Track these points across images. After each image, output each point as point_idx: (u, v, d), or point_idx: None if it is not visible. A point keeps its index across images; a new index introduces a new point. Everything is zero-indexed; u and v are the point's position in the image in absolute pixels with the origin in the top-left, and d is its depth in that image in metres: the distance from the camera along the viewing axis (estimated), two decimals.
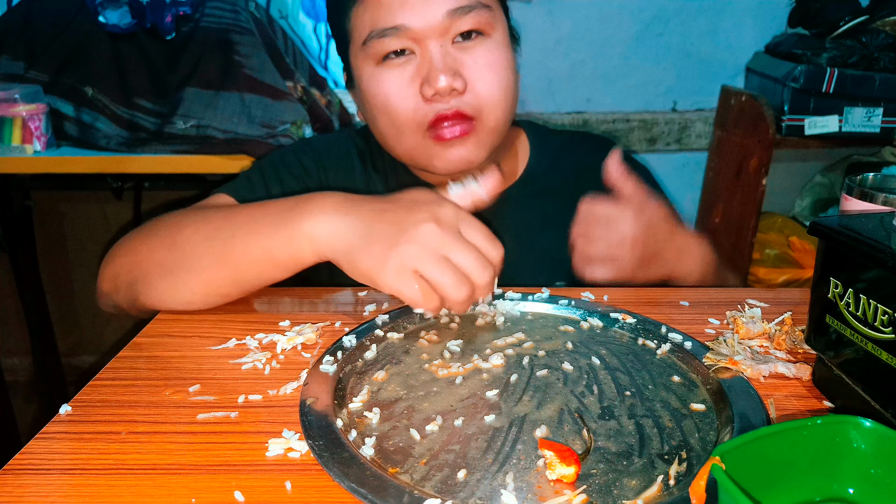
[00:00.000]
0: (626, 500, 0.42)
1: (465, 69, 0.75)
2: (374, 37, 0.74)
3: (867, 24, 1.69)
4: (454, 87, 0.74)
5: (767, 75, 1.81)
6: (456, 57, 0.75)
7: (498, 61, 0.77)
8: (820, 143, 1.74)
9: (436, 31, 0.74)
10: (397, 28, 0.73)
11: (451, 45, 0.75)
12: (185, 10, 1.50)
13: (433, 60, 0.74)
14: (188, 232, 0.68)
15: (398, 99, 0.76)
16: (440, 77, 0.73)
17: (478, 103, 0.76)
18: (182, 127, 1.44)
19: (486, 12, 0.76)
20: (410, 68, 0.76)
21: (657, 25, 1.95)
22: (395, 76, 0.76)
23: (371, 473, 0.43)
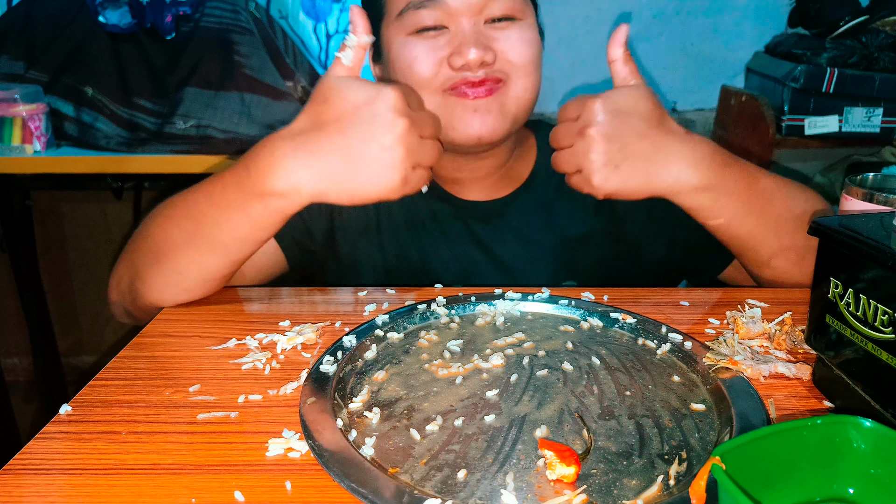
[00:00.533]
0: (626, 500, 0.42)
1: (496, 44, 0.75)
2: (411, 8, 0.75)
3: (867, 24, 1.69)
4: (484, 59, 0.73)
5: (767, 75, 1.81)
6: (488, 34, 0.76)
7: (530, 39, 0.77)
8: (820, 143, 1.74)
9: (472, 8, 0.74)
10: (435, 1, 0.74)
11: (483, 24, 0.76)
12: (185, 10, 1.50)
13: (465, 34, 0.74)
14: (166, 222, 0.71)
15: (423, 63, 0.76)
16: (471, 49, 0.73)
17: (507, 69, 0.76)
18: (182, 127, 1.44)
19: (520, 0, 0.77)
20: (442, 40, 0.76)
21: (657, 25, 1.95)
22: (425, 44, 0.76)
23: (371, 473, 0.43)
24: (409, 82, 0.76)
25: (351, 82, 0.63)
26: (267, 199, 0.64)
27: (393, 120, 0.61)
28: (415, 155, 0.63)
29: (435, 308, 0.69)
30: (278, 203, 0.64)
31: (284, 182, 0.62)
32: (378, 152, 0.61)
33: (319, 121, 0.63)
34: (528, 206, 0.89)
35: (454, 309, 0.69)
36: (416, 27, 0.75)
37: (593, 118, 0.66)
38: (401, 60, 0.77)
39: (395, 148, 0.61)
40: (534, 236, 0.89)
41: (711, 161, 0.69)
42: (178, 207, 0.71)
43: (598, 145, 0.66)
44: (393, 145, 0.61)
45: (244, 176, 0.65)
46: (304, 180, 0.62)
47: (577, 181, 0.70)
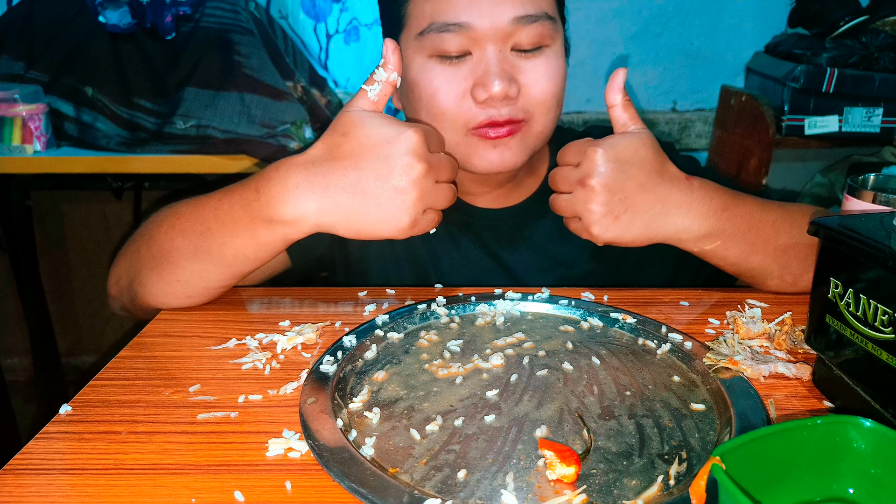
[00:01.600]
0: (626, 500, 0.42)
1: (521, 75, 0.73)
2: (434, 30, 0.72)
3: (867, 24, 1.69)
4: (508, 93, 0.71)
5: (767, 75, 1.81)
6: (514, 63, 0.73)
7: (556, 70, 0.75)
8: (820, 143, 1.74)
9: (498, 34, 0.71)
10: (460, 25, 0.70)
11: (509, 52, 0.73)
12: (185, 10, 1.50)
13: (490, 63, 0.71)
14: (172, 227, 0.70)
15: (446, 96, 0.73)
16: (495, 81, 0.70)
17: (530, 108, 0.74)
18: (182, 127, 1.44)
19: (549, 24, 0.73)
20: (465, 68, 0.73)
21: (657, 25, 1.95)
22: (448, 73, 0.73)
23: (371, 473, 0.43)
24: (430, 112, 0.75)
25: (374, 118, 0.62)
26: (273, 226, 0.63)
27: (410, 164, 0.60)
28: (428, 199, 0.62)
29: (435, 308, 0.69)
30: (284, 230, 0.63)
31: (292, 211, 0.62)
32: (391, 193, 0.61)
33: (336, 153, 0.62)
34: (539, 215, 0.88)
35: (454, 309, 0.69)
36: (437, 51, 0.72)
37: (595, 168, 0.65)
38: (421, 87, 0.74)
39: (409, 191, 0.61)
40: (545, 245, 0.88)
41: (712, 206, 0.68)
42: (184, 217, 0.70)
43: (599, 196, 0.65)
44: (407, 189, 0.61)
45: (253, 198, 0.64)
46: (312, 212, 0.62)
47: (575, 227, 0.70)
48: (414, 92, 0.76)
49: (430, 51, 0.73)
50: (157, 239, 0.71)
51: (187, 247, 0.68)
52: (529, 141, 0.76)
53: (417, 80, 0.74)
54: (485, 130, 0.73)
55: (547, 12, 0.73)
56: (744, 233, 0.70)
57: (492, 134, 0.73)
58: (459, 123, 0.74)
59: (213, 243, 0.66)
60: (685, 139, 2.05)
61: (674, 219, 0.67)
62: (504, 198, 0.87)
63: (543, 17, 0.72)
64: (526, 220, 0.88)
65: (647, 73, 1.98)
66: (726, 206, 0.69)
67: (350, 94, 1.81)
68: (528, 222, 0.88)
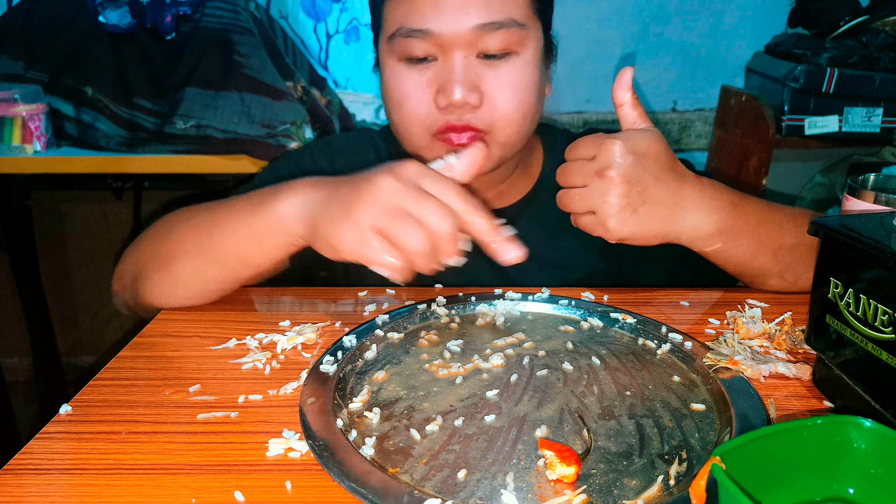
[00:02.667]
0: (626, 500, 0.42)
1: (484, 84, 0.73)
2: (401, 35, 0.73)
3: (867, 24, 1.69)
4: (468, 102, 0.71)
5: (767, 75, 1.81)
6: (478, 71, 0.73)
7: (521, 81, 0.74)
8: (820, 143, 1.74)
9: (462, 41, 0.71)
10: (424, 31, 0.71)
11: (475, 59, 0.73)
12: (185, 10, 1.50)
13: (453, 71, 0.72)
14: (177, 227, 0.71)
15: (412, 101, 0.74)
16: (456, 88, 0.70)
17: (491, 119, 0.74)
18: (182, 127, 1.44)
19: (517, 31, 0.73)
20: (430, 73, 0.73)
21: (657, 25, 1.95)
22: (414, 77, 0.74)
23: (371, 473, 0.43)
24: (399, 115, 0.76)
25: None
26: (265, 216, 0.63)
27: (383, 175, 0.56)
28: (377, 217, 0.55)
29: (435, 308, 0.69)
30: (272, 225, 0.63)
31: (280, 206, 0.62)
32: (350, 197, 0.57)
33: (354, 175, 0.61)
34: (532, 216, 0.88)
35: (454, 309, 0.69)
36: (405, 55, 0.74)
37: (613, 159, 0.63)
38: (391, 90, 0.76)
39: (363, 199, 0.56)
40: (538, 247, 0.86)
41: (722, 203, 0.68)
42: (192, 217, 0.70)
43: (619, 188, 0.63)
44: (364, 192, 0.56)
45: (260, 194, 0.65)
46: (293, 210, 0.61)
47: (587, 222, 0.67)
48: (386, 93, 0.78)
49: (398, 55, 0.74)
50: (163, 238, 0.72)
51: (190, 246, 0.68)
52: (492, 150, 0.76)
53: (389, 82, 0.76)
54: (448, 137, 0.74)
55: (515, 18, 0.72)
56: (752, 231, 0.70)
57: (454, 140, 0.74)
58: (424, 127, 0.75)
59: (214, 241, 0.67)
60: (685, 139, 2.05)
61: (687, 215, 0.67)
62: (496, 199, 0.88)
63: (510, 24, 0.72)
64: (519, 221, 0.87)
65: (647, 73, 1.98)
66: (735, 204, 0.69)
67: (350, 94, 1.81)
68: (522, 223, 0.86)
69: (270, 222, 0.63)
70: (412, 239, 0.54)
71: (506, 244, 0.59)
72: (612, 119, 1.98)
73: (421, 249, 0.55)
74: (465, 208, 0.57)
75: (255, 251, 0.66)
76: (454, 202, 0.57)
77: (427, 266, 0.57)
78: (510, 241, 0.59)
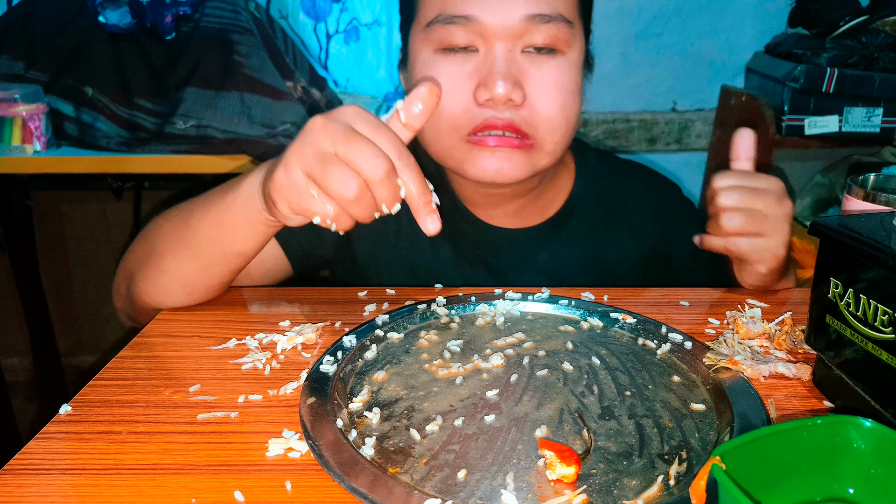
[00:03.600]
0: (626, 500, 0.42)
1: (528, 81, 0.69)
2: (440, 21, 0.68)
3: (867, 24, 1.69)
4: (511, 98, 0.67)
5: (767, 75, 1.81)
6: (521, 66, 0.69)
7: (566, 83, 0.71)
8: (820, 143, 1.74)
9: (508, 32, 0.67)
10: (467, 18, 0.67)
11: (519, 53, 0.69)
12: (185, 10, 1.50)
13: (496, 63, 0.68)
14: (159, 227, 0.71)
15: (449, 94, 0.69)
16: (498, 82, 0.66)
17: (534, 121, 0.70)
18: (182, 127, 1.44)
19: (565, 27, 0.69)
20: (469, 65, 0.69)
21: (657, 25, 1.95)
22: (452, 69, 0.69)
23: (371, 474, 0.43)
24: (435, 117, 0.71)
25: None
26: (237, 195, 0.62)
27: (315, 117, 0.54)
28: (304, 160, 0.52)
29: (435, 308, 0.69)
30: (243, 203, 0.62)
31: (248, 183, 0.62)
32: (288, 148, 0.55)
33: None
34: (557, 241, 0.84)
35: (454, 309, 0.69)
36: (444, 44, 0.69)
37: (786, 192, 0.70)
38: None
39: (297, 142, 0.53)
40: (563, 275, 0.84)
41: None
42: (173, 210, 0.71)
43: (790, 217, 0.69)
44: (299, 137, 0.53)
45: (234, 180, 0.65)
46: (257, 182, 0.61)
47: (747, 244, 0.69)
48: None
49: (435, 44, 0.70)
50: (147, 240, 0.72)
51: (171, 242, 0.68)
52: (536, 159, 0.72)
53: (421, 73, 0.72)
54: (483, 138, 0.70)
55: (563, 14, 0.69)
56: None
57: (492, 142, 0.70)
58: (459, 124, 0.71)
59: (191, 232, 0.66)
60: (685, 139, 2.05)
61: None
62: (520, 217, 0.83)
63: (559, 19, 0.69)
64: (542, 245, 0.84)
65: (647, 73, 1.98)
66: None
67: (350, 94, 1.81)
68: (545, 247, 0.84)
69: (238, 200, 0.62)
70: (340, 183, 0.51)
71: (430, 213, 0.55)
72: (613, 119, 1.98)
73: (352, 195, 0.51)
74: (399, 157, 0.53)
75: (229, 234, 0.64)
76: (389, 148, 0.53)
77: (361, 213, 0.53)
78: (433, 211, 0.55)
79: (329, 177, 0.51)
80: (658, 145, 2.04)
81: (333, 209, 0.53)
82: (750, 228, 0.69)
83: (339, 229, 0.55)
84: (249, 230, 0.64)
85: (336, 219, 0.54)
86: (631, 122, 1.99)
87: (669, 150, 2.06)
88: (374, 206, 0.54)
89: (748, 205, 0.68)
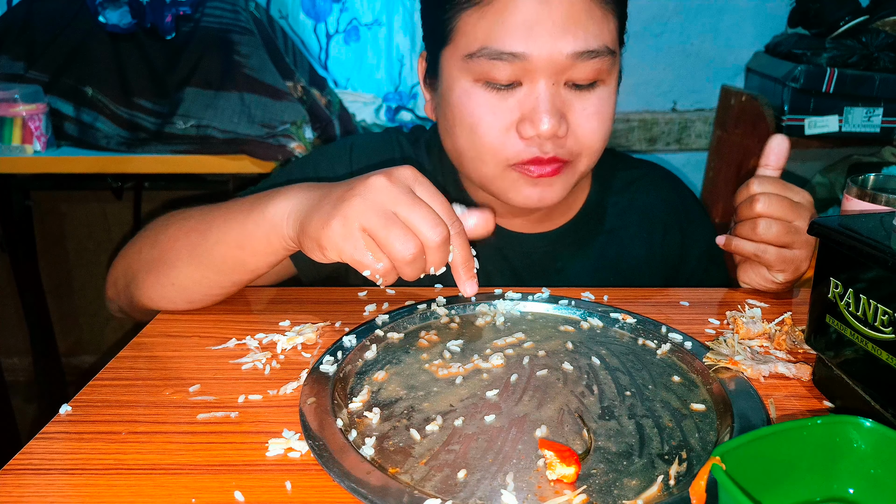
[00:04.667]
0: (626, 500, 0.42)
1: (571, 113, 0.69)
2: (485, 55, 0.67)
3: (867, 24, 1.69)
4: (557, 133, 0.68)
5: (767, 75, 1.81)
6: (564, 99, 0.69)
7: (606, 111, 0.72)
8: (820, 143, 1.74)
9: (554, 68, 0.66)
10: (515, 55, 0.66)
11: (562, 87, 0.69)
12: (185, 10, 1.50)
13: (540, 99, 0.67)
14: (171, 230, 0.69)
15: (490, 128, 0.69)
16: (545, 119, 0.66)
17: (575, 149, 0.71)
18: (182, 127, 1.44)
19: (609, 59, 0.69)
20: (513, 99, 0.68)
21: (657, 25, 1.95)
22: (494, 102, 0.69)
23: (371, 474, 0.43)
24: (470, 140, 0.71)
25: None
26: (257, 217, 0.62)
27: (376, 175, 0.55)
28: (365, 216, 0.53)
29: (435, 308, 0.69)
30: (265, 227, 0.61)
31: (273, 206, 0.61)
32: (340, 194, 0.55)
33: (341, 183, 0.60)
34: (575, 246, 0.85)
35: (454, 309, 0.69)
36: (486, 78, 0.68)
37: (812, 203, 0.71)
38: (463, 113, 0.70)
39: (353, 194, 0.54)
40: (576, 277, 0.84)
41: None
42: (186, 220, 0.69)
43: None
44: (355, 189, 0.54)
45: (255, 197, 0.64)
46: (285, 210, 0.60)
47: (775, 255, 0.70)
48: (455, 115, 0.72)
49: (477, 76, 0.69)
50: (155, 241, 0.70)
51: (183, 249, 0.67)
52: (572, 180, 0.74)
53: (460, 104, 0.70)
54: (527, 169, 0.70)
55: (608, 46, 0.69)
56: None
57: (534, 172, 0.70)
58: (501, 157, 0.70)
59: (207, 245, 0.65)
60: (685, 139, 2.05)
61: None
62: (537, 222, 0.84)
63: (605, 53, 0.68)
64: (560, 249, 0.85)
65: (647, 73, 1.98)
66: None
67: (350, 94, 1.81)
68: (563, 251, 0.85)
69: (263, 224, 0.61)
70: (401, 245, 0.53)
71: (471, 279, 0.58)
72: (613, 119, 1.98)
73: (410, 257, 0.54)
74: (452, 225, 0.56)
75: (248, 255, 0.64)
76: (444, 215, 0.56)
77: (411, 273, 0.56)
78: (474, 276, 0.59)
79: (390, 236, 0.53)
80: (658, 145, 2.04)
81: (385, 266, 0.55)
82: (784, 240, 0.69)
83: (384, 284, 0.57)
84: (270, 253, 0.64)
85: (385, 274, 0.56)
86: (631, 122, 1.99)
87: (669, 150, 2.06)
88: (423, 268, 0.56)
89: (788, 217, 0.69)
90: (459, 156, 0.75)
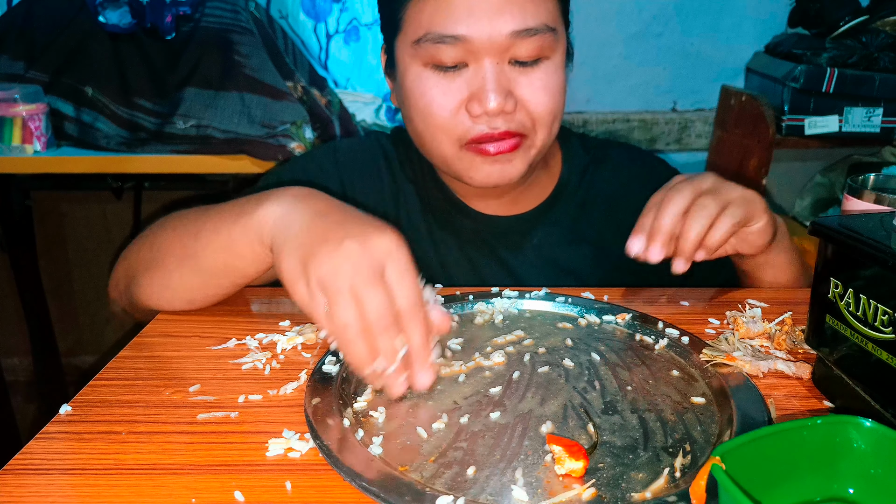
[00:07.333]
0: (634, 493, 0.42)
1: (518, 88, 0.72)
2: (430, 40, 0.70)
3: (867, 24, 1.69)
4: (504, 109, 0.70)
5: (767, 75, 1.81)
6: (510, 76, 0.72)
7: (553, 85, 0.74)
8: (820, 143, 1.74)
9: (496, 48, 0.69)
10: (457, 38, 0.69)
11: (506, 65, 0.71)
12: (185, 10, 1.50)
13: (486, 78, 0.70)
14: (167, 232, 0.69)
15: (441, 108, 0.72)
16: (491, 96, 0.69)
17: (526, 122, 0.73)
18: (182, 127, 1.44)
19: (550, 36, 0.72)
20: (460, 80, 0.72)
21: (657, 25, 1.95)
22: (443, 84, 0.72)
23: (383, 472, 0.43)
24: (424, 122, 0.74)
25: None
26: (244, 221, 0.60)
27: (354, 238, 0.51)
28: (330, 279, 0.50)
29: None
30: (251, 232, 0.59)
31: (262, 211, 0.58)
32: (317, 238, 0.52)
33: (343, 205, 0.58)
34: (549, 224, 0.87)
35: (452, 308, 0.69)
36: (434, 61, 0.71)
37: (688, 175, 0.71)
38: (416, 98, 0.73)
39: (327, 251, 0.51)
40: (553, 253, 0.86)
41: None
42: (181, 221, 0.69)
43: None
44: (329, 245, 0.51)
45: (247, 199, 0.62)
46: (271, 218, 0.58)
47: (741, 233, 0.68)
48: (409, 100, 0.75)
49: (425, 60, 0.72)
50: (154, 243, 0.70)
51: (177, 252, 0.66)
52: (530, 154, 0.76)
53: (413, 87, 0.73)
54: (484, 146, 0.73)
55: (548, 24, 0.71)
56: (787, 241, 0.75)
57: (492, 149, 0.73)
58: (454, 136, 0.73)
59: (198, 248, 0.64)
60: (685, 139, 2.05)
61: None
62: (513, 205, 0.86)
63: (544, 30, 0.71)
64: (535, 228, 0.87)
65: (647, 73, 1.99)
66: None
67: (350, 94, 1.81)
68: (537, 230, 0.87)
69: (247, 229, 0.60)
70: (343, 314, 0.50)
71: (424, 370, 0.52)
72: (613, 119, 1.98)
73: (349, 329, 0.50)
74: (413, 311, 0.51)
75: (237, 259, 0.63)
76: (405, 301, 0.51)
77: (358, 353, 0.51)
78: (430, 368, 0.52)
79: (336, 303, 0.50)
80: (658, 145, 2.04)
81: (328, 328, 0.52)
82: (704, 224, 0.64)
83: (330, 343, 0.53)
84: (256, 260, 0.62)
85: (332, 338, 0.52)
86: (631, 122, 1.99)
87: (669, 150, 2.06)
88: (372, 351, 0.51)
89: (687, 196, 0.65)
90: (419, 138, 0.78)
